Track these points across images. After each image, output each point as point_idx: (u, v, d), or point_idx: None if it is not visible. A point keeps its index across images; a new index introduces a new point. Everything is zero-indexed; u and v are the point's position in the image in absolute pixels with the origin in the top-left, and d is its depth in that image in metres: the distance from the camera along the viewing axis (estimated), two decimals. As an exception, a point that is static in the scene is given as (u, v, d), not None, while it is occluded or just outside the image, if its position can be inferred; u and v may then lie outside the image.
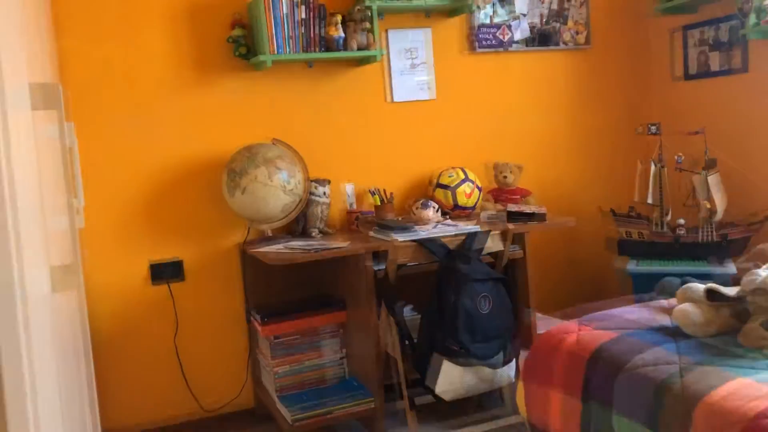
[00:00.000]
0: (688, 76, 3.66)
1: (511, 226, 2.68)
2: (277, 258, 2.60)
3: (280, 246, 2.85)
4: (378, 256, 2.76)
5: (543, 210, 3.02)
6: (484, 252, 2.64)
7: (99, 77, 2.91)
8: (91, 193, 2.90)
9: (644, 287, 3.19)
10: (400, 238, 2.73)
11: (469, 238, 2.60)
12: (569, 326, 2.07)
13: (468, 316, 2.43)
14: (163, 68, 3.00)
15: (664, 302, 2.18)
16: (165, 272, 3.04)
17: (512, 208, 3.06)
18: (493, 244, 2.67)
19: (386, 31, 3.35)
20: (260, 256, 2.72)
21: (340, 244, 2.75)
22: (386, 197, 3.27)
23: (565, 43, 3.70)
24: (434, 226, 3.02)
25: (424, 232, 2.82)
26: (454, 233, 2.80)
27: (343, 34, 3.06)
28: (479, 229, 2.86)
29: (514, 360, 2.50)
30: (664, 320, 2.00)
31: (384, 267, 2.69)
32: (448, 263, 2.51)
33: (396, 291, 2.71)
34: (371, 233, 2.96)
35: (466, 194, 3.30)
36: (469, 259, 2.53)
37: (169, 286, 3.05)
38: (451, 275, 2.47)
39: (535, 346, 2.12)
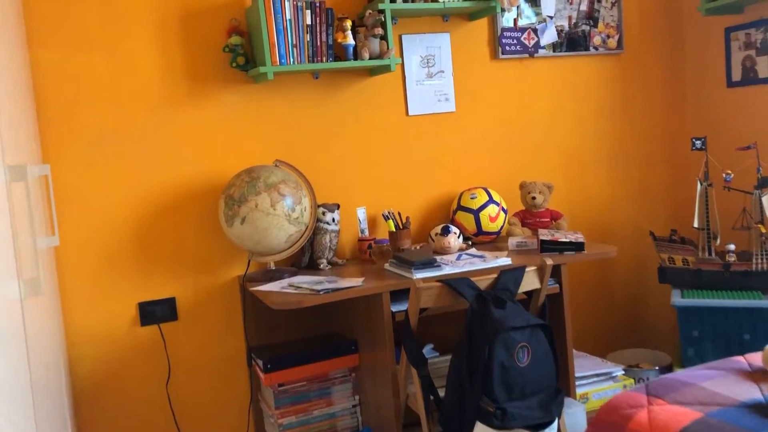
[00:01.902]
0: (731, 83, 3.31)
1: (549, 261, 2.34)
2: (282, 302, 2.26)
3: (285, 283, 2.51)
4: (396, 294, 2.42)
5: (580, 238, 2.68)
6: (519, 291, 2.30)
7: (78, 92, 2.57)
8: (72, 224, 2.56)
9: (691, 323, 2.86)
10: (422, 275, 2.39)
11: (503, 276, 2.26)
12: (637, 397, 1.73)
13: (503, 371, 2.09)
14: (151, 81, 2.66)
15: (744, 362, 1.84)
16: (156, 312, 2.70)
17: (545, 235, 2.71)
18: (529, 281, 2.33)
19: (400, 36, 3.01)
20: (262, 297, 2.39)
21: (352, 281, 2.42)
22: (402, 222, 2.93)
23: (596, 48, 3.36)
24: (458, 256, 2.68)
25: (447, 266, 2.48)
26: (483, 267, 2.47)
27: (353, 42, 2.72)
28: (509, 261, 2.52)
29: (557, 421, 2.16)
30: (754, 392, 1.66)
31: (403, 309, 2.36)
32: (480, 307, 2.17)
33: (418, 335, 2.37)
34: (387, 266, 2.62)
35: (491, 218, 2.96)
36: (503, 302, 2.19)
37: (160, 328, 2.71)
38: (484, 323, 2.13)
39: (595, 421, 1.78)
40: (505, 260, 2.52)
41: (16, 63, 2.18)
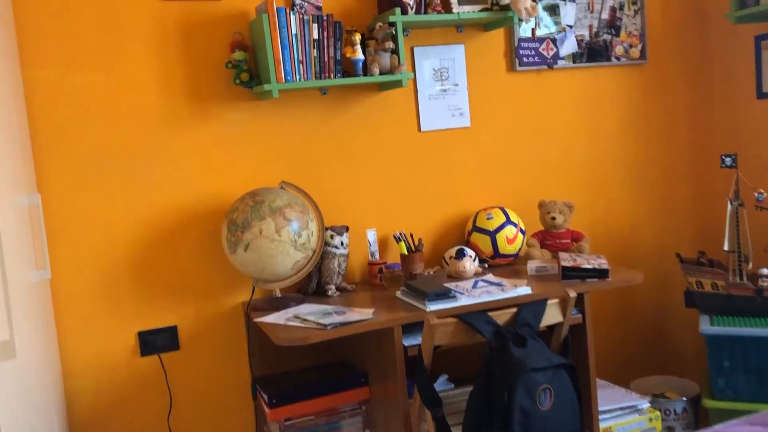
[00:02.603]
0: (761, 95, 3.13)
1: (572, 293, 2.18)
2: (287, 338, 2.13)
3: (290, 314, 2.37)
4: (409, 325, 2.28)
5: (604, 263, 2.52)
6: (541, 325, 2.15)
7: (74, 112, 2.44)
8: (67, 250, 2.44)
9: (722, 352, 2.70)
10: (436, 307, 2.24)
11: (523, 310, 2.11)
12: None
13: (524, 415, 1.94)
14: (150, 100, 2.53)
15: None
16: (156, 341, 2.57)
17: (566, 261, 2.56)
18: (551, 315, 2.18)
19: (412, 48, 2.86)
20: (267, 330, 2.25)
21: (362, 313, 2.27)
22: (414, 244, 2.79)
23: (618, 58, 3.20)
24: (474, 283, 2.53)
25: (463, 296, 2.33)
26: (501, 297, 2.31)
27: (362, 57, 2.58)
28: (529, 291, 2.37)
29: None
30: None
31: (416, 343, 2.21)
32: (499, 346, 2.02)
33: (431, 365, 2.22)
34: (399, 294, 2.47)
35: (509, 239, 2.81)
36: (523, 340, 2.04)
37: (160, 358, 2.58)
38: (503, 363, 1.98)
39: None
40: (524, 290, 2.36)
41: (7, 82, 2.06)
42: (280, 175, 2.69)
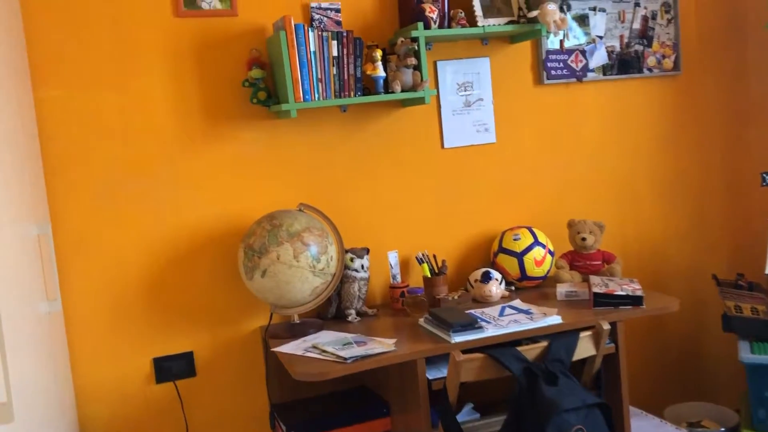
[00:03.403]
0: (802, 107, 2.98)
1: (605, 326, 2.06)
2: (305, 372, 2.03)
3: (309, 343, 2.28)
4: (433, 358, 2.18)
5: (638, 290, 2.40)
6: (573, 358, 2.04)
7: (86, 132, 2.37)
8: (79, 275, 2.37)
9: (763, 382, 2.56)
10: (461, 339, 2.14)
11: (554, 344, 2.00)
12: None
13: (556, 458, 1.83)
14: (164, 119, 2.45)
15: None
16: (172, 368, 2.50)
17: (598, 287, 2.44)
18: (583, 348, 2.07)
19: (435, 62, 2.76)
20: (285, 362, 2.16)
21: (383, 344, 2.17)
22: (437, 266, 2.68)
23: (650, 70, 3.07)
24: (500, 310, 2.42)
25: (490, 325, 2.22)
26: (530, 327, 2.20)
27: (383, 74, 2.48)
28: (559, 320, 2.25)
29: None
30: None
31: (441, 377, 2.11)
32: (529, 384, 1.91)
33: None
34: (422, 322, 2.37)
35: (537, 261, 2.69)
36: (554, 377, 1.92)
37: (176, 385, 2.50)
38: (534, 402, 1.87)
39: None
40: (554, 319, 2.25)
41: (18, 105, 1.99)
42: (298, 195, 2.60)
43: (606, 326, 2.06)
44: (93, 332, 2.40)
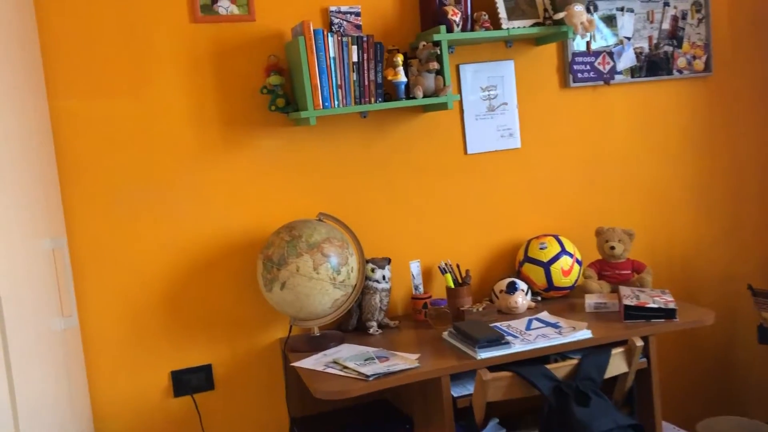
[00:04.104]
0: (841, 109, 2.87)
1: (638, 342, 1.98)
2: (326, 391, 1.96)
3: (329, 358, 2.21)
4: (459, 374, 2.10)
5: (671, 303, 2.30)
6: (605, 376, 1.95)
7: (101, 141, 2.33)
8: (96, 288, 2.33)
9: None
10: (487, 355, 2.06)
11: (584, 362, 1.92)
12: None
13: (588, 482, 1.75)
14: (181, 127, 2.40)
15: None
16: (190, 381, 2.45)
17: (629, 299, 2.35)
18: (615, 366, 1.98)
19: (457, 66, 2.68)
20: (305, 378, 2.10)
21: (406, 360, 2.10)
22: (461, 277, 2.61)
23: (680, 71, 2.96)
24: (527, 324, 2.34)
25: (517, 340, 2.14)
26: (559, 343, 2.12)
27: (405, 79, 2.41)
28: (589, 335, 2.16)
29: None
30: None
31: (466, 394, 2.03)
32: (559, 404, 1.83)
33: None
34: (446, 336, 2.30)
35: (564, 271, 2.61)
36: (586, 397, 1.84)
37: (194, 399, 2.45)
38: (564, 424, 1.79)
39: None
40: (584, 333, 2.16)
41: (32, 116, 1.95)
42: (317, 203, 2.54)
43: (639, 343, 1.98)
44: (110, 346, 2.36)
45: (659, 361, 2.88)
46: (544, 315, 2.42)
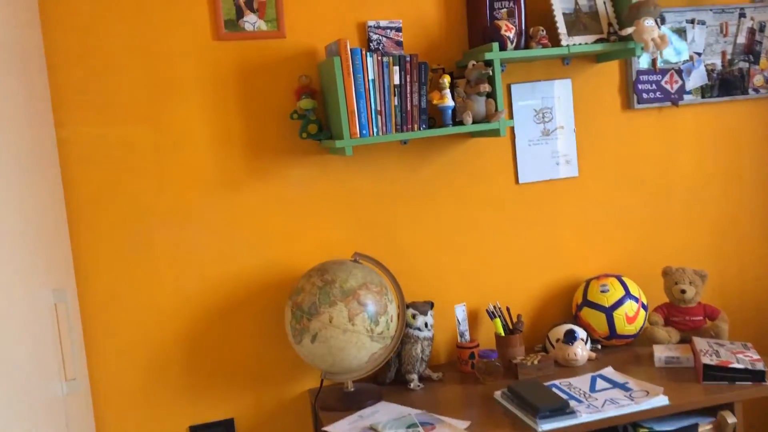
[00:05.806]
0: None
1: (731, 419, 1.68)
2: (362, 469, 1.70)
3: (365, 422, 1.95)
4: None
5: (759, 363, 2.00)
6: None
7: (115, 172, 2.09)
8: (109, 334, 2.09)
9: None
10: (550, 427, 1.78)
11: (668, 443, 1.63)
12: None
13: None
14: (203, 156, 2.16)
15: None
16: (209, 438, 2.21)
17: (708, 357, 2.05)
18: (701, 443, 1.69)
19: (509, 86, 2.41)
20: (337, 448, 1.84)
21: (453, 426, 1.83)
22: (512, 322, 2.33)
23: (756, 90, 2.65)
24: (591, 382, 2.06)
25: (583, 408, 1.85)
26: (633, 411, 1.83)
27: (452, 103, 2.14)
28: (666, 401, 1.87)
29: None
30: None
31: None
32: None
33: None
34: (499, 398, 2.02)
35: (628, 318, 2.31)
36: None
37: (214, 458, 2.21)
38: None
39: None
40: (660, 400, 1.87)
41: (37, 144, 1.72)
42: (352, 240, 2.28)
43: (731, 419, 1.68)
44: (123, 401, 2.13)
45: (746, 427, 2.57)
46: (609, 372, 2.13)
